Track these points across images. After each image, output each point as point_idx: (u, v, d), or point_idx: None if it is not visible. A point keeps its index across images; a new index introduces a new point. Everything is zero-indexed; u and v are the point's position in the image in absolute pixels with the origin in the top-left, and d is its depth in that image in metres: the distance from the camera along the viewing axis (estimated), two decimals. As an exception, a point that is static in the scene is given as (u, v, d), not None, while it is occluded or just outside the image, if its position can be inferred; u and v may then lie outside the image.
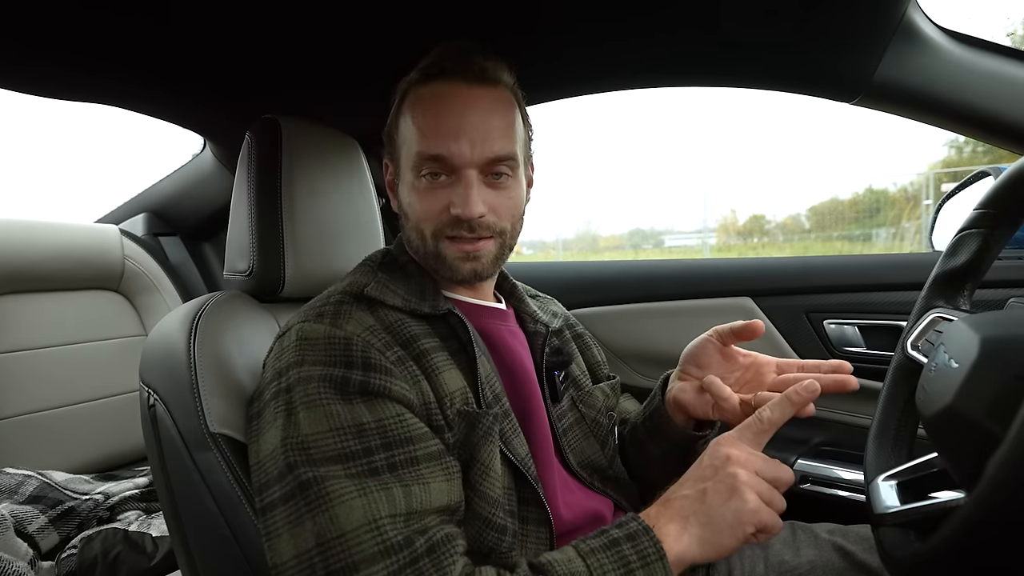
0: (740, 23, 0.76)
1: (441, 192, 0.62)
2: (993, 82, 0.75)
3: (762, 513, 0.49)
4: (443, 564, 0.47)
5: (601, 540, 0.51)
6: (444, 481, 0.53)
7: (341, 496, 0.48)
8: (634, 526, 0.51)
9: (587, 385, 0.78)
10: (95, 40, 0.74)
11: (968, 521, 0.40)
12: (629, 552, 0.49)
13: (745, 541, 0.50)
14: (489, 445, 0.58)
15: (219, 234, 1.61)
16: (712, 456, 0.53)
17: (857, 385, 0.58)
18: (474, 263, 0.63)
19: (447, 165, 0.61)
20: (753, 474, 0.51)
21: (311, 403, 0.52)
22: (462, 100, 0.62)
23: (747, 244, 11.98)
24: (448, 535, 0.50)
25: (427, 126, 0.61)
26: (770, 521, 0.50)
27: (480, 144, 0.60)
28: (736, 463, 0.51)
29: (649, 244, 13.90)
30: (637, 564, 0.49)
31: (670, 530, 0.51)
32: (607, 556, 0.49)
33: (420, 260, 0.67)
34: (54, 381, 1.31)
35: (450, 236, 0.62)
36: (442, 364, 0.60)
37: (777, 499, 0.51)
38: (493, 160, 0.61)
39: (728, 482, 0.50)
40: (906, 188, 9.30)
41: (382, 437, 0.52)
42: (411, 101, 0.64)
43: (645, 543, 0.50)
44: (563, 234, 14.23)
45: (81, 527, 1.11)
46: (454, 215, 0.61)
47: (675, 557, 0.50)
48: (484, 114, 0.62)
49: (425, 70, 0.64)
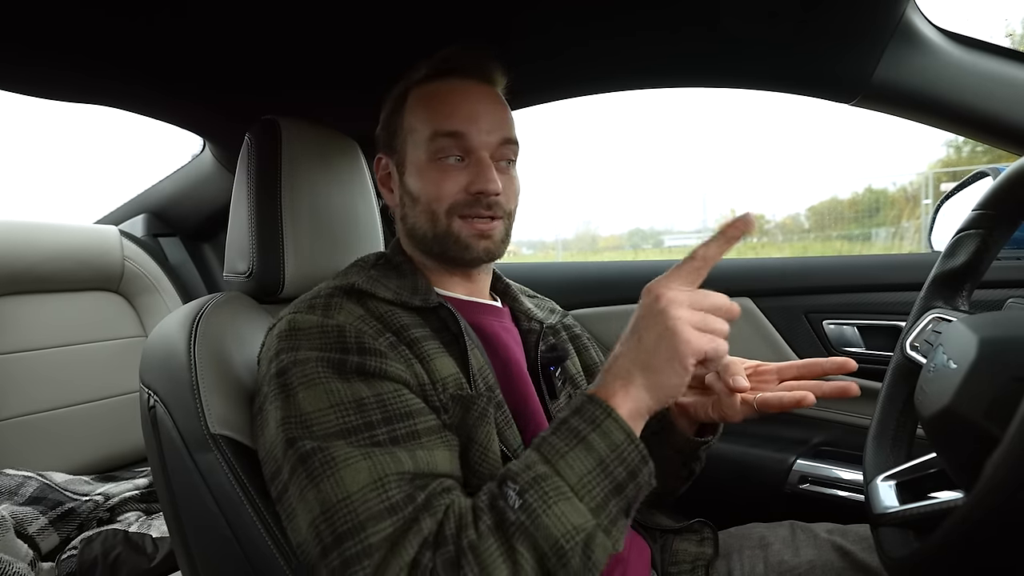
0: (740, 23, 0.76)
1: (457, 173, 0.65)
2: (992, 83, 0.75)
3: (700, 341, 0.47)
4: (434, 505, 0.47)
5: (552, 426, 0.50)
6: (447, 451, 0.54)
7: (347, 460, 0.48)
8: (579, 400, 0.50)
9: (584, 384, 0.79)
10: (94, 41, 0.74)
11: (967, 521, 0.40)
12: (577, 423, 0.48)
13: (690, 374, 0.47)
14: (486, 426, 0.58)
15: (219, 235, 1.61)
16: (643, 302, 0.51)
17: (859, 392, 0.57)
18: (487, 241, 0.66)
19: (464, 145, 0.64)
20: (685, 306, 0.48)
21: (309, 382, 0.52)
22: (474, 92, 0.67)
23: (746, 244, 11.95)
24: (447, 487, 0.50)
25: (442, 110, 0.65)
26: (710, 347, 0.47)
27: (493, 129, 0.65)
28: (666, 300, 0.48)
29: (649, 244, 13.92)
30: (588, 430, 0.47)
31: (615, 388, 0.49)
32: (557, 436, 0.48)
33: (426, 244, 0.68)
34: (54, 382, 1.31)
35: (464, 215, 0.65)
36: (434, 351, 0.60)
37: (714, 323, 0.48)
38: (504, 142, 0.66)
39: (660, 320, 0.48)
40: (905, 188, 9.30)
41: (382, 411, 0.52)
42: (420, 95, 0.68)
43: (591, 408, 0.48)
44: (562, 234, 14.28)
45: (81, 528, 1.11)
46: (474, 192, 0.64)
47: (628, 411, 0.48)
48: (493, 105, 0.67)
49: (434, 68, 0.68)
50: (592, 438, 0.47)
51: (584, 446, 0.47)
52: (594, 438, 0.47)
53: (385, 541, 0.45)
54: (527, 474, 0.47)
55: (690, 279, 0.50)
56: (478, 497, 0.49)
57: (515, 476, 0.47)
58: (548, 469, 0.46)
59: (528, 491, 0.45)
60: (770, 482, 1.05)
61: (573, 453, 0.47)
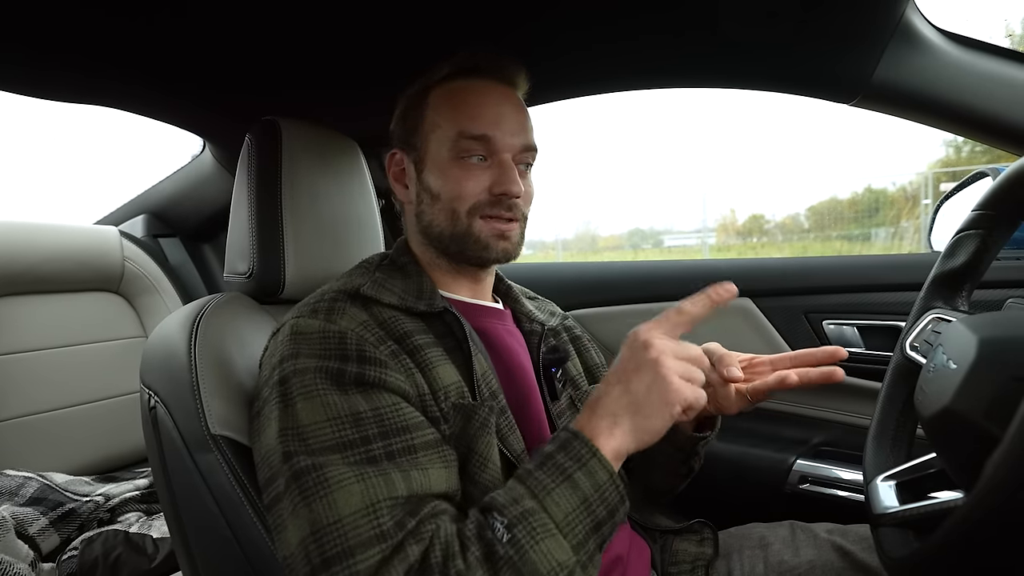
0: (740, 24, 0.76)
1: (481, 173, 0.65)
2: (991, 83, 0.75)
3: (685, 390, 0.50)
4: (420, 532, 0.47)
5: (537, 459, 0.51)
6: (443, 468, 0.54)
7: (340, 481, 0.48)
8: (564, 435, 0.52)
9: (584, 385, 0.79)
10: (94, 41, 0.74)
11: (967, 521, 0.41)
12: (563, 460, 0.50)
13: (673, 420, 0.50)
14: (486, 436, 0.58)
15: (219, 236, 1.61)
16: (630, 348, 0.54)
17: (843, 376, 0.58)
18: (506, 242, 0.67)
19: (490, 147, 0.65)
20: (671, 356, 0.51)
21: (307, 394, 0.52)
22: (498, 94, 0.67)
23: (746, 244, 11.99)
24: (437, 511, 0.50)
25: (469, 111, 0.65)
26: (693, 396, 0.50)
27: (517, 133, 0.66)
28: (656, 350, 0.51)
29: (648, 244, 13.90)
30: (574, 467, 0.49)
31: (601, 427, 0.51)
32: (544, 472, 0.49)
33: (442, 242, 0.67)
34: (54, 383, 1.31)
35: (486, 215, 0.65)
36: (436, 359, 0.60)
37: (696, 374, 0.52)
38: (527, 148, 0.67)
39: (650, 368, 0.51)
40: (905, 188, 9.31)
41: (379, 426, 0.52)
42: (443, 93, 0.67)
43: (577, 446, 0.50)
44: (562, 234, 14.23)
45: (82, 529, 1.11)
46: (497, 193, 0.64)
47: (612, 451, 0.50)
48: (516, 109, 0.68)
49: (458, 67, 0.68)
50: (578, 476, 0.49)
51: (570, 484, 0.49)
52: (579, 476, 0.49)
53: (372, 568, 0.45)
54: (515, 508, 0.48)
55: (673, 332, 0.53)
56: (465, 525, 0.49)
57: (502, 508, 0.48)
58: (535, 504, 0.48)
59: (516, 526, 0.47)
60: (770, 482, 1.06)
61: (559, 490, 0.48)
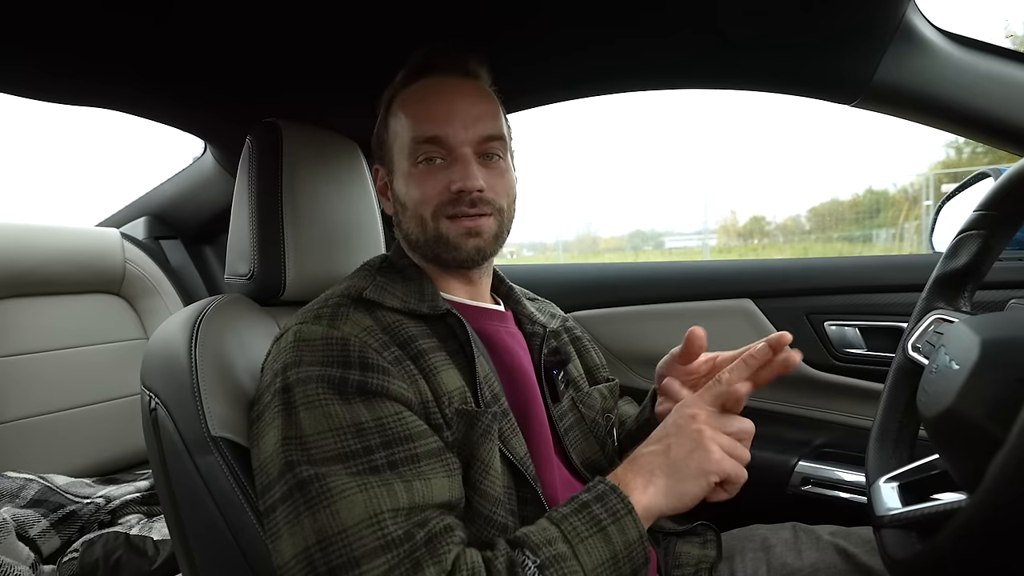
0: (741, 25, 0.77)
1: (439, 174, 0.64)
2: (992, 84, 0.75)
3: (725, 463, 0.52)
4: (439, 552, 0.47)
5: (572, 505, 0.53)
6: (445, 477, 0.54)
7: (343, 492, 0.48)
8: (602, 487, 0.53)
9: (585, 387, 0.79)
10: (95, 44, 0.75)
11: (970, 523, 0.40)
12: (599, 511, 0.51)
13: (709, 490, 0.52)
14: (489, 443, 0.58)
15: (220, 237, 1.61)
16: (676, 416, 0.56)
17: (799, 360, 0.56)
18: (476, 239, 0.65)
19: (444, 146, 0.63)
20: (715, 429, 0.53)
21: (310, 403, 0.52)
22: (450, 89, 0.65)
23: (747, 245, 11.99)
24: (448, 526, 0.50)
25: (420, 114, 0.65)
26: (733, 471, 0.52)
27: (472, 125, 0.64)
28: (698, 420, 0.54)
29: (649, 245, 13.91)
30: (608, 521, 0.51)
31: (636, 483, 0.53)
32: (579, 519, 0.51)
33: (421, 249, 0.67)
34: (55, 385, 1.31)
35: (451, 215, 0.64)
36: (440, 364, 0.60)
37: (740, 451, 0.54)
38: (486, 138, 0.65)
39: (692, 436, 0.53)
40: (906, 189, 9.30)
41: (381, 435, 0.52)
42: (400, 101, 0.68)
43: (613, 500, 0.52)
44: (563, 236, 14.23)
45: (83, 531, 1.11)
46: (455, 190, 0.62)
47: (643, 509, 0.52)
48: (472, 100, 0.66)
49: (409, 71, 0.68)
50: (611, 530, 0.50)
51: (603, 536, 0.50)
52: (612, 531, 0.50)
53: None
54: (548, 550, 0.49)
55: (717, 402, 0.55)
56: (495, 556, 0.50)
57: (535, 548, 0.49)
58: (568, 550, 0.49)
59: (548, 568, 0.48)
60: (772, 484, 1.05)
61: (592, 540, 0.50)
